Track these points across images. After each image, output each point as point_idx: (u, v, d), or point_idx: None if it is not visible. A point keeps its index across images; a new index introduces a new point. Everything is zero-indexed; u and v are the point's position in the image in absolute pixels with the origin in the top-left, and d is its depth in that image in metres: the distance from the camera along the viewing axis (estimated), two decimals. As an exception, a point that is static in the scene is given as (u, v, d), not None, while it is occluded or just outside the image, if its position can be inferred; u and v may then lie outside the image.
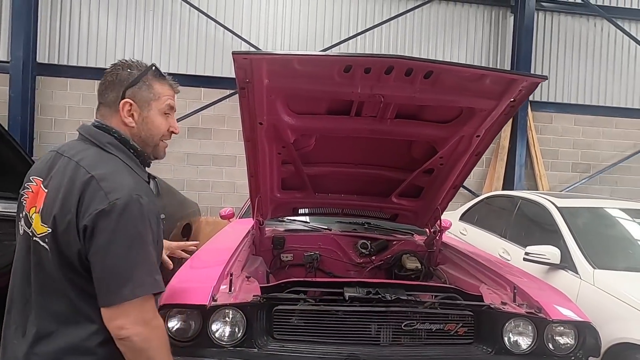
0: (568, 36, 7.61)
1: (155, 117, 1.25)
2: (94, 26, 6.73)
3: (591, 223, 3.55)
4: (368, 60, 1.82)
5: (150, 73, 1.25)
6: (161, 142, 1.29)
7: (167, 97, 1.27)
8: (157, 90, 1.25)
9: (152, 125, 1.24)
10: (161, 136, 1.28)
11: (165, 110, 1.27)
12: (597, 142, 7.74)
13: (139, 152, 1.24)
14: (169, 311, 1.73)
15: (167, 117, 1.28)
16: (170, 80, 1.30)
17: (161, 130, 1.27)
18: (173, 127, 1.29)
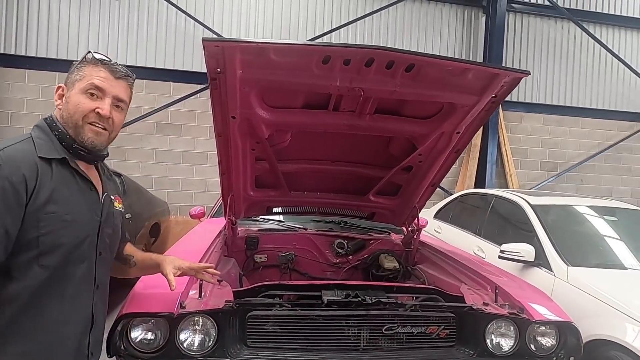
0: (537, 38, 7.80)
1: (75, 95, 1.22)
2: (55, 15, 6.36)
3: (563, 220, 3.60)
4: (348, 51, 1.72)
5: (87, 59, 1.25)
6: (87, 125, 1.22)
7: (94, 77, 1.23)
8: (85, 72, 1.23)
9: (71, 104, 1.21)
10: (83, 116, 1.21)
11: (88, 89, 1.21)
12: (564, 141, 7.97)
13: (62, 134, 1.22)
14: (131, 320, 1.59)
15: (93, 98, 1.22)
16: (111, 65, 1.26)
17: (79, 108, 1.21)
18: (100, 108, 1.22)
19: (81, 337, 1.20)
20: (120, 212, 1.38)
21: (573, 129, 7.98)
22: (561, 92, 7.90)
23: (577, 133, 8.00)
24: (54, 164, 1.16)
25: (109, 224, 1.29)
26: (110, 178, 1.41)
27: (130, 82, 1.32)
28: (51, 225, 1.12)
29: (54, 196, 1.13)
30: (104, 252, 1.26)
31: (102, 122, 1.23)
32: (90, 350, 1.23)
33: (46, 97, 6.29)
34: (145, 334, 1.61)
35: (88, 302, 1.21)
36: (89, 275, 1.21)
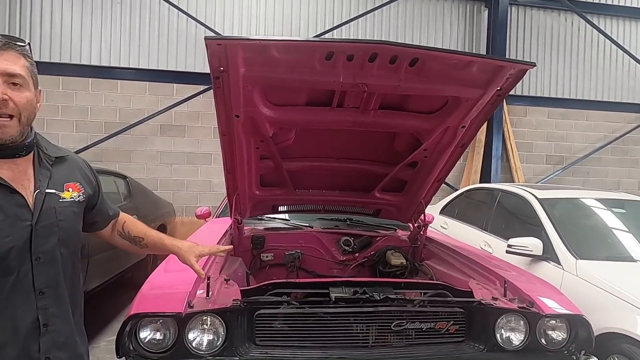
0: (541, 31, 7.74)
1: None
2: (57, 19, 6.39)
3: (571, 214, 3.57)
4: (351, 47, 1.71)
5: None
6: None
7: None
8: None
9: None
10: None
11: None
12: (570, 134, 7.91)
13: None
14: (140, 321, 1.59)
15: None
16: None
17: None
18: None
19: (24, 344, 1.11)
20: (73, 202, 1.21)
21: (578, 122, 7.93)
22: (566, 85, 7.84)
23: (583, 126, 7.94)
24: None
25: (49, 223, 1.14)
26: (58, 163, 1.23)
27: (20, 49, 1.10)
28: None
29: None
30: (44, 256, 1.13)
31: (1, 109, 1.05)
32: (44, 355, 1.14)
33: (50, 101, 6.32)
34: (153, 334, 1.61)
35: (27, 309, 1.11)
36: (23, 284, 1.11)
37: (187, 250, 1.44)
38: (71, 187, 1.21)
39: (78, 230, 1.27)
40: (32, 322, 1.12)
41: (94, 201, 1.34)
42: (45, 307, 1.14)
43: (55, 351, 1.16)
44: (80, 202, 1.24)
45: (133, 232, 1.45)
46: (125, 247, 1.48)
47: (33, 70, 1.13)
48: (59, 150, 1.25)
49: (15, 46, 1.09)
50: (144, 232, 1.46)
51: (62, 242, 1.17)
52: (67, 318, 1.21)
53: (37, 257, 1.13)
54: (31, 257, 1.11)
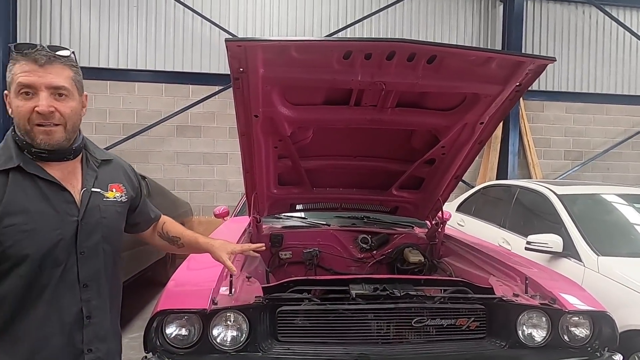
0: (557, 24, 7.61)
1: (14, 101, 1.13)
2: (76, 24, 6.53)
3: (591, 210, 3.52)
4: (369, 45, 1.72)
5: (11, 59, 1.14)
6: (35, 128, 1.12)
7: (19, 75, 1.12)
8: (11, 71, 1.13)
9: (14, 111, 1.14)
10: (27, 120, 1.12)
11: (19, 90, 1.11)
12: (588, 129, 7.77)
13: (19, 140, 1.16)
14: (166, 317, 1.63)
15: (28, 97, 1.11)
16: (32, 54, 1.11)
17: (21, 113, 1.12)
18: (38, 107, 1.11)
19: (70, 334, 1.19)
20: (116, 202, 1.29)
21: (597, 116, 7.78)
22: (584, 79, 7.70)
23: (602, 120, 7.79)
24: (10, 174, 1.13)
25: (93, 220, 1.22)
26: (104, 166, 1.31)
27: (64, 61, 1.16)
28: (11, 238, 1.10)
29: (9, 208, 1.10)
30: (88, 251, 1.21)
31: (48, 119, 1.12)
32: (86, 347, 1.21)
33: (70, 104, 6.46)
34: (179, 330, 1.65)
35: (73, 301, 1.19)
36: (69, 276, 1.18)
37: (219, 248, 1.51)
38: (115, 187, 1.29)
39: (120, 229, 1.35)
40: (76, 313, 1.19)
41: (137, 203, 1.41)
42: (89, 299, 1.21)
43: (96, 342, 1.23)
44: (123, 203, 1.31)
45: (171, 232, 1.54)
46: (163, 247, 1.57)
47: (77, 79, 1.19)
48: (105, 154, 1.34)
49: (60, 58, 1.15)
50: (180, 232, 1.55)
51: (105, 239, 1.25)
52: (107, 312, 1.28)
53: (81, 251, 1.20)
54: (76, 251, 1.19)
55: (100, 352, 1.25)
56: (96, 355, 1.23)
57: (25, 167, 1.14)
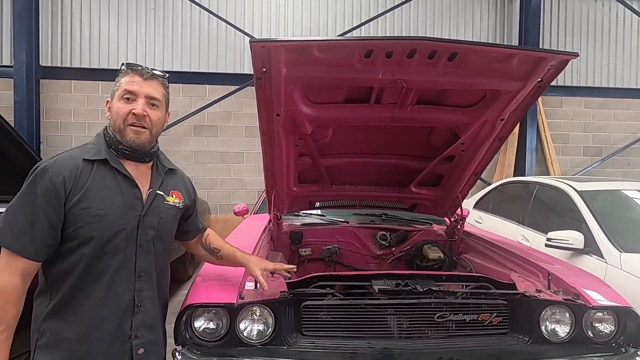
0: (576, 18, 7.49)
1: (115, 103, 1.36)
2: (96, 27, 6.68)
3: (613, 206, 3.48)
4: (390, 44, 1.74)
5: (120, 71, 1.39)
6: (128, 127, 1.35)
7: (125, 83, 1.36)
8: (120, 81, 1.38)
9: (113, 112, 1.36)
10: (123, 120, 1.35)
11: (123, 95, 1.35)
12: (608, 124, 7.63)
13: (111, 139, 1.37)
14: (194, 311, 1.68)
15: (128, 102, 1.35)
16: (139, 69, 1.38)
17: (120, 113, 1.35)
18: (134, 109, 1.34)
19: (121, 319, 1.32)
20: (174, 207, 1.45)
21: (618, 111, 7.63)
22: (604, 74, 7.56)
23: (623, 115, 7.64)
24: (95, 165, 1.33)
25: (153, 217, 1.38)
26: (169, 174, 1.51)
27: (161, 81, 1.42)
28: (85, 219, 1.27)
29: (87, 193, 1.28)
30: (146, 245, 1.36)
31: (140, 121, 1.35)
32: (134, 333, 1.33)
33: (91, 106, 6.61)
34: (207, 323, 1.70)
35: (128, 289, 1.33)
36: (128, 265, 1.33)
37: (255, 263, 1.70)
38: (175, 194, 1.48)
39: (173, 231, 1.49)
40: (129, 301, 1.33)
41: (190, 213, 1.58)
42: (141, 289, 1.36)
43: (143, 330, 1.35)
44: (179, 208, 1.49)
45: (213, 244, 1.71)
46: (203, 257, 1.75)
47: (167, 97, 1.46)
48: (171, 164, 1.55)
49: (159, 78, 1.41)
50: (221, 245, 1.72)
51: (158, 237, 1.39)
52: (155, 303, 1.40)
53: (140, 243, 1.35)
54: (136, 243, 1.33)
55: (145, 339, 1.36)
56: (141, 342, 1.34)
57: (110, 160, 1.34)
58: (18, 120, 6.24)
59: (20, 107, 6.28)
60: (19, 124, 6.22)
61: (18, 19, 6.25)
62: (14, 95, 6.30)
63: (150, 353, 1.39)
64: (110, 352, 1.31)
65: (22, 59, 6.27)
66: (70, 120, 6.64)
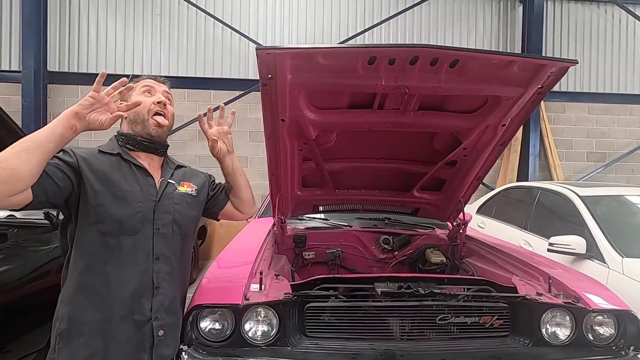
0: (579, 24, 7.52)
1: (136, 97, 1.48)
2: (102, 33, 6.77)
3: (615, 211, 3.49)
4: (393, 51, 1.78)
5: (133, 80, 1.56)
6: (151, 119, 1.48)
7: (142, 82, 1.53)
8: (136, 85, 1.54)
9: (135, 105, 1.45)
10: (147, 110, 1.48)
11: (143, 90, 1.50)
12: (612, 130, 7.64)
13: (127, 136, 1.50)
14: (201, 312, 1.72)
15: (149, 95, 1.50)
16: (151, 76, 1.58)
17: (145, 105, 1.48)
18: (157, 99, 1.49)
19: (140, 300, 1.38)
20: (187, 194, 1.56)
21: (621, 117, 7.64)
22: (607, 79, 7.58)
23: (626, 121, 7.65)
24: (110, 157, 1.45)
25: (168, 203, 1.48)
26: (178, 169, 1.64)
27: (169, 87, 1.61)
28: (103, 199, 1.36)
29: (109, 176, 1.39)
30: (163, 229, 1.44)
31: (163, 109, 1.50)
32: (154, 314, 1.40)
33: (97, 110, 6.69)
34: (213, 324, 1.73)
35: (146, 269, 1.40)
36: (145, 246, 1.40)
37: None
38: (186, 184, 1.60)
39: (190, 216, 1.56)
40: (148, 281, 1.39)
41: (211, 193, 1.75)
42: (159, 271, 1.43)
43: (162, 312, 1.42)
44: (192, 196, 1.59)
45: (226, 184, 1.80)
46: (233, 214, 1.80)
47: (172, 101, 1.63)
48: (179, 163, 1.70)
49: (167, 83, 1.62)
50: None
51: (175, 222, 1.48)
52: (173, 286, 1.47)
53: (157, 227, 1.43)
54: (153, 226, 1.42)
55: (164, 321, 1.42)
56: (161, 323, 1.41)
57: (122, 154, 1.48)
58: (26, 125, 6.32)
59: (28, 111, 6.37)
60: (27, 128, 6.30)
61: (26, 25, 6.35)
62: (22, 99, 6.39)
63: (169, 336, 1.45)
64: (132, 333, 1.37)
65: (30, 64, 6.36)
66: (77, 125, 6.70)
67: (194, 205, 1.60)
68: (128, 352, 1.37)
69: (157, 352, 1.41)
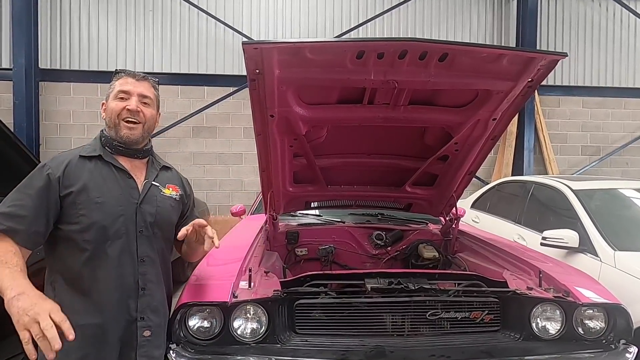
0: (573, 18, 7.51)
1: (110, 103, 1.49)
2: (94, 29, 6.71)
3: (608, 205, 3.49)
4: (381, 45, 1.76)
5: (115, 77, 1.52)
6: (122, 123, 1.47)
7: (119, 84, 1.49)
8: (113, 84, 1.51)
9: (108, 110, 1.49)
10: (117, 115, 1.47)
11: (118, 95, 1.48)
12: (606, 123, 7.65)
13: (106, 138, 1.50)
14: (189, 310, 1.70)
15: (122, 100, 1.47)
16: (131, 72, 1.53)
17: (113, 110, 1.47)
18: (129, 105, 1.47)
19: (127, 301, 1.41)
20: (171, 198, 1.56)
21: (615, 111, 7.65)
22: (601, 73, 7.58)
23: (620, 114, 7.66)
24: (93, 161, 1.45)
25: (150, 205, 1.48)
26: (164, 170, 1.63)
27: (152, 81, 1.56)
28: (85, 207, 1.37)
29: (88, 184, 1.40)
30: (146, 230, 1.45)
31: (133, 116, 1.47)
32: (139, 315, 1.42)
33: (90, 108, 6.64)
34: (201, 322, 1.72)
35: (132, 272, 1.42)
36: (130, 249, 1.42)
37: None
38: (171, 187, 1.58)
39: (172, 221, 1.56)
40: (134, 282, 1.41)
41: (186, 209, 1.65)
42: (145, 273, 1.44)
43: (148, 312, 1.43)
44: (176, 200, 1.59)
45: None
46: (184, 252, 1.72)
47: (157, 97, 1.59)
48: (166, 163, 1.67)
49: (150, 79, 1.55)
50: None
51: (157, 224, 1.48)
52: (160, 287, 1.48)
53: (140, 229, 1.44)
54: (136, 228, 1.42)
55: (151, 322, 1.44)
56: (147, 324, 1.43)
57: (103, 156, 1.47)
58: (17, 123, 6.27)
59: (19, 109, 6.31)
60: (19, 126, 6.25)
61: (17, 22, 6.28)
62: (14, 97, 6.33)
63: (157, 336, 1.47)
64: (121, 333, 1.40)
65: (21, 61, 6.30)
66: (70, 123, 6.66)
67: (176, 210, 1.59)
68: (118, 352, 1.40)
69: (144, 352, 1.43)
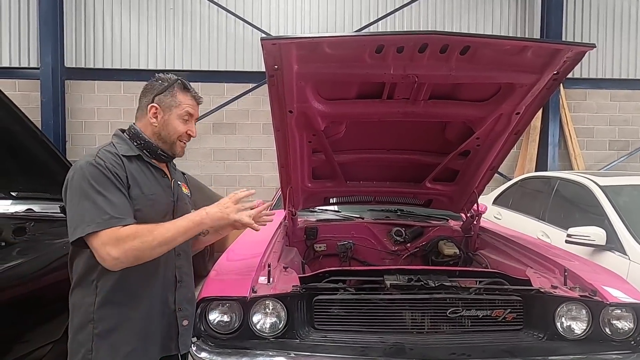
0: (601, 7, 7.25)
1: (174, 120, 1.47)
2: (117, 28, 6.83)
3: (637, 201, 3.37)
4: (400, 39, 1.73)
5: (177, 85, 1.49)
6: (178, 142, 1.49)
7: (187, 105, 1.48)
8: (179, 99, 1.47)
9: (170, 127, 1.47)
10: (178, 137, 1.48)
11: (184, 116, 1.48)
12: (635, 117, 7.37)
13: (147, 143, 1.47)
14: (209, 304, 1.73)
15: (186, 122, 1.49)
16: (194, 92, 1.52)
17: (177, 131, 1.48)
18: (190, 131, 1.50)
19: (167, 293, 1.46)
20: (187, 196, 1.63)
21: (645, 103, 7.37)
22: (631, 65, 7.30)
23: (651, 107, 7.37)
24: (133, 160, 1.45)
25: (181, 203, 1.54)
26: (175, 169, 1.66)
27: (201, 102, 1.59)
28: (141, 203, 1.39)
29: (139, 182, 1.42)
30: None
31: (189, 140, 1.53)
32: (177, 306, 1.48)
33: (113, 105, 6.79)
34: (221, 316, 1.74)
35: (171, 266, 1.47)
36: None
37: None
38: (184, 186, 1.63)
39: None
40: (172, 276, 1.48)
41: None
42: (181, 266, 1.50)
43: (184, 304, 1.49)
44: (189, 197, 1.64)
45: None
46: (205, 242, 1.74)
47: None
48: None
49: (201, 101, 1.57)
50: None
51: None
52: (192, 279, 1.55)
53: None
54: None
55: (188, 312, 1.50)
56: (185, 314, 1.49)
57: (144, 157, 1.48)
58: (45, 120, 6.46)
59: (46, 107, 6.49)
60: (46, 123, 6.44)
61: (43, 22, 6.45)
62: (41, 96, 6.52)
63: (192, 325, 1.53)
64: (162, 326, 1.44)
65: (48, 61, 6.48)
66: (94, 120, 6.82)
67: (190, 207, 1.63)
68: (161, 344, 1.45)
69: (183, 341, 1.49)
